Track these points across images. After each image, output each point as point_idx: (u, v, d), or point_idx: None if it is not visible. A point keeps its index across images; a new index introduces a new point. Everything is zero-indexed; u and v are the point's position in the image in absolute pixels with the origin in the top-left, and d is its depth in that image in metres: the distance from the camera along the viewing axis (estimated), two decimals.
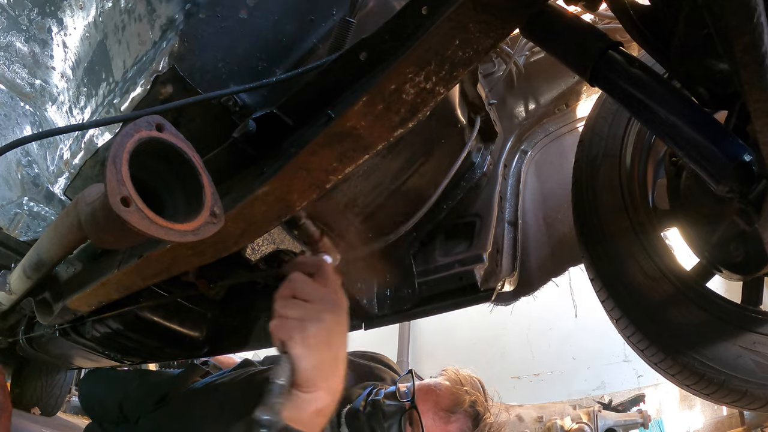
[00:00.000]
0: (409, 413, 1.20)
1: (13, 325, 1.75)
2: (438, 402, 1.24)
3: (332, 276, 0.85)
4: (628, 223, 1.07)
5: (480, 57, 0.59)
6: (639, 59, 0.70)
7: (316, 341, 0.77)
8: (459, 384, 1.28)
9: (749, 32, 0.44)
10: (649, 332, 1.02)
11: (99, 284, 0.92)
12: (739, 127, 0.72)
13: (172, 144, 0.56)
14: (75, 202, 0.70)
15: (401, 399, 1.23)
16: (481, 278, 1.19)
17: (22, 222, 1.14)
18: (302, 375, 0.75)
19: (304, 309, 0.78)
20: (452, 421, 1.22)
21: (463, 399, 1.24)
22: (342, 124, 0.61)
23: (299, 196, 0.70)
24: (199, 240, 0.56)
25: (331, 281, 0.84)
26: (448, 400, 1.25)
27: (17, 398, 3.15)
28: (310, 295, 0.80)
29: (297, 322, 0.77)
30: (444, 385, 1.29)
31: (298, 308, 0.78)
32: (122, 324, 1.44)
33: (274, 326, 0.78)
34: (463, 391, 1.25)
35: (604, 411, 3.73)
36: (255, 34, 0.82)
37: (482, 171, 1.39)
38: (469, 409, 1.23)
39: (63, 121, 1.05)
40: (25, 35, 1.02)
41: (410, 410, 1.20)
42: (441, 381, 1.31)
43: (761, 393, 0.91)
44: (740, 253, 0.87)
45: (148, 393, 1.65)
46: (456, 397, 1.25)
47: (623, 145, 1.13)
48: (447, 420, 1.22)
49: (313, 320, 0.77)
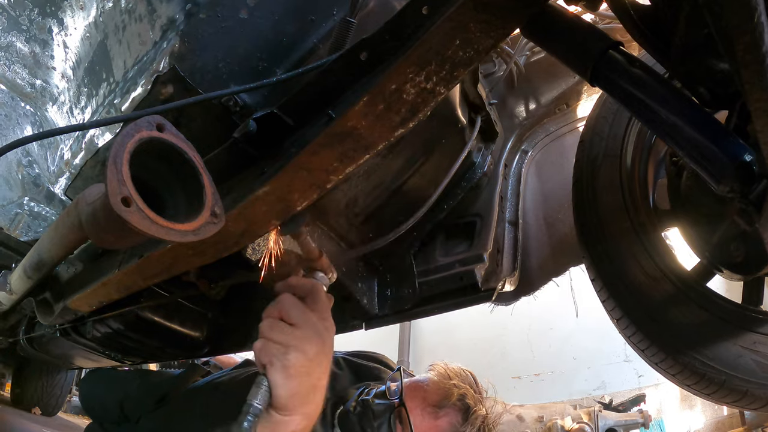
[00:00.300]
0: (397, 411, 1.20)
1: (13, 325, 1.76)
2: (426, 398, 1.24)
3: (323, 300, 0.84)
4: (628, 223, 1.07)
5: (480, 57, 0.59)
6: (639, 59, 0.70)
7: (296, 371, 0.77)
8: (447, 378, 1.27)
9: (750, 31, 0.44)
10: (650, 332, 1.02)
11: (100, 284, 0.92)
12: (739, 127, 0.72)
13: (172, 144, 0.56)
14: (76, 202, 0.70)
15: (390, 397, 1.22)
16: (482, 278, 1.18)
17: (23, 222, 1.15)
18: (278, 401, 0.76)
19: (289, 335, 0.78)
20: (441, 415, 1.22)
21: (451, 393, 1.23)
22: (343, 124, 0.61)
23: (300, 196, 0.70)
24: (199, 240, 0.56)
25: (322, 306, 0.83)
26: (435, 396, 1.24)
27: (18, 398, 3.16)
28: (298, 319, 0.79)
29: (280, 347, 0.77)
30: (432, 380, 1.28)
31: (283, 333, 0.78)
32: (123, 324, 1.44)
33: (258, 348, 0.79)
34: (450, 385, 1.24)
35: (604, 411, 3.73)
36: (255, 34, 0.82)
37: (483, 171, 1.39)
38: (457, 402, 1.22)
39: (63, 122, 1.06)
40: (26, 35, 1.02)
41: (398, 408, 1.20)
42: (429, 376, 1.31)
43: (762, 393, 0.91)
44: (741, 253, 0.87)
45: (149, 393, 1.65)
46: (444, 391, 1.24)
47: (624, 145, 1.13)
48: (435, 415, 1.22)
49: (295, 348, 0.77)
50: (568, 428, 3.59)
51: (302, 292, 0.84)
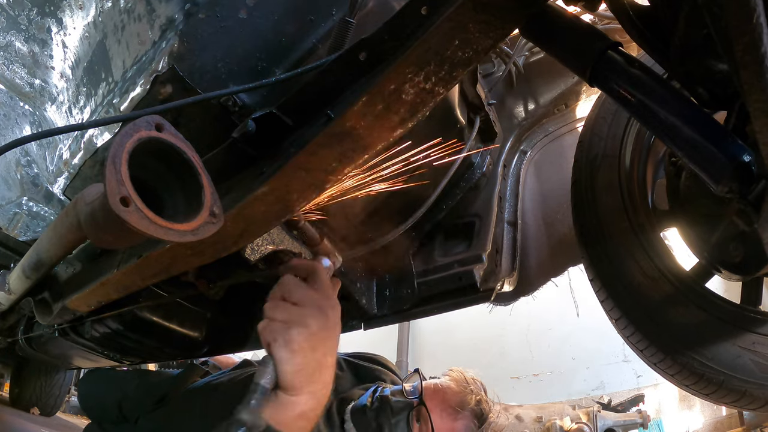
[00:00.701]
0: (417, 409, 1.22)
1: (12, 325, 1.75)
2: (445, 400, 1.26)
3: (325, 280, 0.85)
4: (627, 224, 1.07)
5: (479, 57, 0.59)
6: (638, 59, 0.70)
7: (299, 346, 0.78)
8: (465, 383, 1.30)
9: (749, 32, 0.44)
10: (649, 332, 1.02)
11: (98, 284, 0.92)
12: (738, 128, 0.72)
13: (171, 144, 0.56)
14: (74, 202, 0.70)
15: (408, 396, 1.24)
16: (481, 278, 1.19)
17: (22, 222, 1.14)
18: (284, 378, 0.76)
19: (290, 312, 0.80)
20: (459, 418, 1.24)
21: (469, 398, 1.26)
22: (341, 124, 0.61)
23: (299, 196, 0.70)
24: (198, 240, 0.56)
25: (323, 286, 0.84)
26: (455, 398, 1.27)
27: (16, 398, 3.15)
28: (299, 298, 0.81)
29: (282, 325, 0.78)
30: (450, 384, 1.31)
31: (285, 311, 0.80)
32: (121, 324, 1.44)
33: (261, 327, 0.80)
34: (468, 391, 1.28)
35: (603, 411, 3.73)
36: (255, 34, 0.82)
37: (482, 171, 1.39)
38: (475, 407, 1.25)
39: (62, 121, 1.05)
40: (25, 35, 1.02)
41: (418, 406, 1.22)
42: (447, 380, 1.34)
43: (760, 393, 0.91)
44: (739, 254, 0.87)
45: (148, 393, 1.65)
46: (462, 395, 1.27)
47: (623, 145, 1.13)
48: (454, 417, 1.24)
49: (297, 324, 0.79)
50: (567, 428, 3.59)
51: (304, 273, 0.85)
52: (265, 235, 0.86)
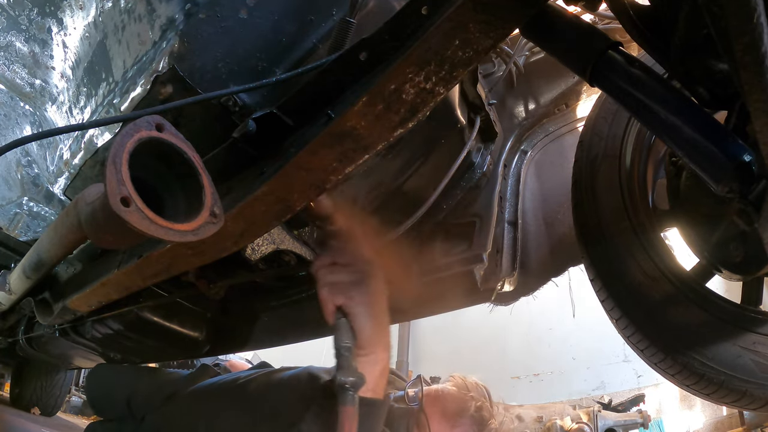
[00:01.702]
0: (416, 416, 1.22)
1: (13, 325, 1.75)
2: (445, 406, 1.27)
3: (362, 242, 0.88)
4: (627, 223, 1.07)
5: (480, 57, 0.58)
6: (639, 59, 0.70)
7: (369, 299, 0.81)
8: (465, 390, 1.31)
9: (749, 32, 0.44)
10: (649, 332, 1.02)
11: (99, 284, 0.92)
12: (738, 127, 0.72)
13: (172, 144, 0.56)
14: (75, 202, 0.70)
15: (409, 402, 1.25)
16: (481, 278, 1.19)
17: (22, 222, 1.14)
18: (363, 334, 0.79)
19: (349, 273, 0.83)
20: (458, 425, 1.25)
21: (469, 405, 1.27)
22: (342, 124, 0.61)
23: (299, 196, 0.70)
24: (199, 240, 0.56)
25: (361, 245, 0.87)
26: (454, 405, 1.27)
27: (17, 398, 3.15)
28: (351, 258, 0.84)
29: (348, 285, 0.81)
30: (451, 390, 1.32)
31: (343, 272, 0.83)
32: (122, 324, 1.44)
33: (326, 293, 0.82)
34: (469, 397, 1.28)
35: (603, 411, 3.73)
36: (255, 34, 0.82)
37: (482, 171, 1.39)
38: (475, 414, 1.26)
39: (63, 121, 1.05)
40: (25, 35, 1.02)
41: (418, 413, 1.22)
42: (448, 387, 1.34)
43: (761, 393, 0.91)
44: (740, 253, 0.87)
45: (160, 389, 1.64)
46: (462, 402, 1.27)
47: (623, 145, 1.13)
48: (453, 424, 1.25)
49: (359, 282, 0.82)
50: (568, 428, 3.59)
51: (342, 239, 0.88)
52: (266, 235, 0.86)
